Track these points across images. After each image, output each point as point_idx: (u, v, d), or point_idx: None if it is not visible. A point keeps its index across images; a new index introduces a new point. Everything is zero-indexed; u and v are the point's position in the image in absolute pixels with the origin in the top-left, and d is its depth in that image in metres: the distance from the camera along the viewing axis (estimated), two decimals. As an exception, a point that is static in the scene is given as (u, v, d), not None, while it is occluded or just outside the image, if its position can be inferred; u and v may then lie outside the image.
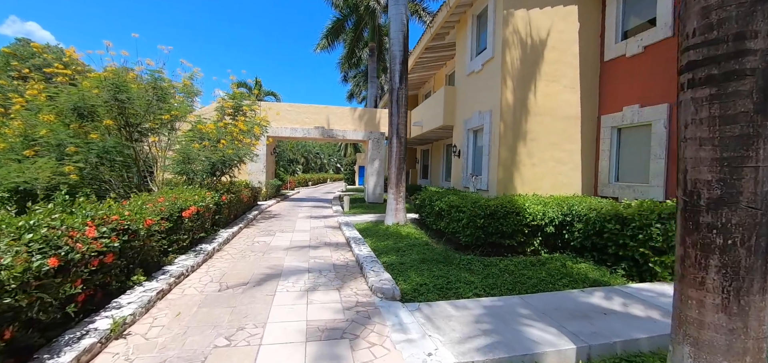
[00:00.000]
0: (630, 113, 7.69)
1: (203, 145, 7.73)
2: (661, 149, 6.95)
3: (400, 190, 9.67)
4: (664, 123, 6.92)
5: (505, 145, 8.18)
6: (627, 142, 7.94)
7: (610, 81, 8.37)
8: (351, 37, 22.76)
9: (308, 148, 49.38)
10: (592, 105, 8.68)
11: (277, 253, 6.64)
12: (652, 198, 7.00)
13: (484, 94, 9.00)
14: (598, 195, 8.42)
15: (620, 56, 8.07)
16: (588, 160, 8.65)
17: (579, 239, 6.63)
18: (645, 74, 7.42)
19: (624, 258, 5.83)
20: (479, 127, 9.32)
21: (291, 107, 16.21)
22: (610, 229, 5.90)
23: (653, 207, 5.67)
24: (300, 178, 32.66)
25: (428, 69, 16.52)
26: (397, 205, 9.66)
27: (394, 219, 9.62)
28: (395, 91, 9.62)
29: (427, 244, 7.53)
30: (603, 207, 6.41)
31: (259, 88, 25.81)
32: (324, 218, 11.58)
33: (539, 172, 8.37)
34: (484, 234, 6.73)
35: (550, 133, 8.42)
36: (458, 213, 7.11)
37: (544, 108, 8.39)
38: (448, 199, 7.74)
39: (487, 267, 5.94)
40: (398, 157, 9.66)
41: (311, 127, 16.14)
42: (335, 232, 9.18)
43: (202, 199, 6.24)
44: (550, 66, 8.42)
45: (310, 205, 16.37)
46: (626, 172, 7.93)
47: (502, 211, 6.68)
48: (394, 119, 9.66)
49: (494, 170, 8.30)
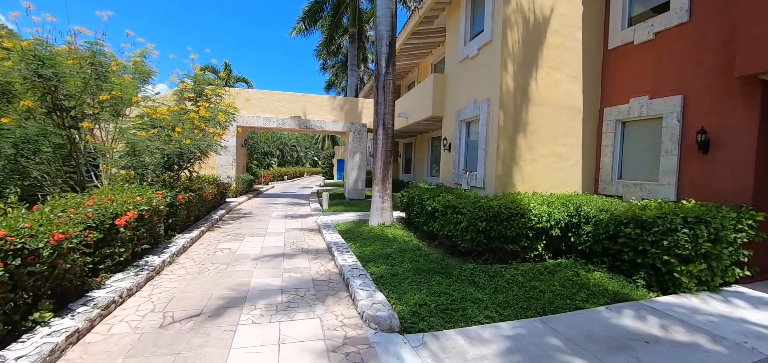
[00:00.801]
0: (638, 105, 7.09)
1: (152, 133, 6.43)
2: (673, 144, 6.38)
3: (386, 187, 8.73)
4: (677, 116, 6.34)
5: (505, 138, 7.41)
6: (633, 137, 7.36)
7: (614, 71, 7.76)
8: (330, 22, 21.42)
9: (284, 141, 47.44)
10: (595, 96, 8.06)
11: (244, 265, 5.55)
12: (663, 197, 6.44)
13: (480, 82, 8.18)
14: (599, 193, 7.84)
15: (627, 44, 7.44)
16: (589, 155, 8.05)
17: (588, 243, 5.96)
18: (656, 63, 6.82)
19: (642, 266, 5.19)
20: (474, 117, 8.51)
21: (264, 94, 14.84)
22: (628, 233, 5.24)
23: (676, 209, 5.04)
24: (275, 171, 31.06)
25: (413, 57, 15.59)
26: (383, 204, 8.73)
27: (380, 219, 8.69)
28: (382, 77, 8.63)
29: (419, 248, 6.66)
30: (616, 208, 5.75)
31: (229, 73, 23.88)
32: (301, 218, 10.48)
33: (539, 167, 7.67)
34: (486, 239, 5.93)
35: (551, 126, 7.73)
36: (456, 215, 6.27)
37: (545, 98, 7.67)
38: (442, 199, 6.88)
39: (493, 278, 5.15)
40: (384, 150, 8.70)
41: (286, 117, 14.86)
42: (314, 235, 8.14)
43: (147, 200, 5.03)
44: (553, 52, 7.70)
45: (286, 201, 15.16)
46: (632, 169, 7.36)
47: (505, 212, 5.89)
48: (380, 108, 8.68)
49: (492, 165, 7.52)
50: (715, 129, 5.78)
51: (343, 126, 15.47)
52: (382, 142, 8.67)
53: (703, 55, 6.02)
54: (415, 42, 13.49)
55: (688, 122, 6.20)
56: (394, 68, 8.64)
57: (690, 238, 4.67)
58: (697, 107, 6.08)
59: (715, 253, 4.78)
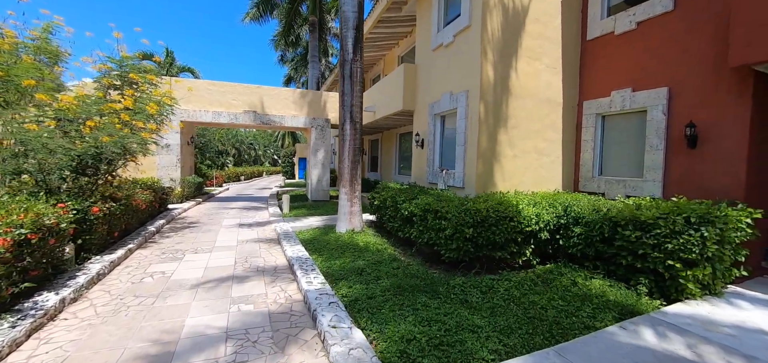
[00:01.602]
0: (620, 98, 6.77)
1: (46, 126, 4.95)
2: (658, 139, 6.09)
3: (355, 188, 7.79)
4: (662, 109, 6.05)
5: (486, 132, 6.77)
6: (615, 131, 7.05)
7: (594, 63, 7.42)
8: (287, 10, 19.90)
9: (240, 138, 44.54)
10: (574, 89, 7.69)
11: (179, 296, 4.35)
12: (649, 194, 6.14)
13: (457, 72, 7.49)
14: (580, 190, 7.50)
15: (607, 34, 7.11)
16: (569, 151, 7.67)
17: (579, 246, 5.45)
18: (639, 54, 6.51)
19: (641, 271, 4.74)
20: (450, 111, 7.81)
21: (213, 86, 13.20)
22: (626, 236, 4.76)
23: (675, 208, 4.62)
24: (230, 172, 28.78)
25: (378, 49, 14.72)
26: (351, 207, 7.78)
27: (349, 224, 7.74)
28: (348, 64, 7.66)
29: (396, 259, 5.83)
30: (609, 208, 5.29)
31: (171, 62, 21.32)
32: (257, 226, 9.22)
33: (521, 164, 7.14)
34: (474, 247, 5.22)
35: (532, 120, 7.23)
36: (438, 221, 5.50)
37: (526, 89, 7.14)
38: (421, 202, 6.09)
39: (486, 294, 4.43)
40: (352, 146, 7.75)
41: (240, 112, 13.34)
42: (272, 248, 7.00)
43: (33, 219, 3.68)
44: (533, 41, 7.19)
45: (241, 205, 13.66)
46: (613, 165, 7.06)
47: (494, 216, 5.22)
48: (346, 99, 7.70)
49: (472, 163, 6.86)
50: (705, 122, 5.52)
51: (305, 121, 14.23)
52: (349, 137, 7.71)
53: (690, 46, 5.74)
54: (381, 31, 12.63)
55: (675, 116, 5.92)
56: (361, 54, 7.70)
57: (697, 241, 4.25)
58: (684, 100, 5.80)
59: (719, 256, 4.42)
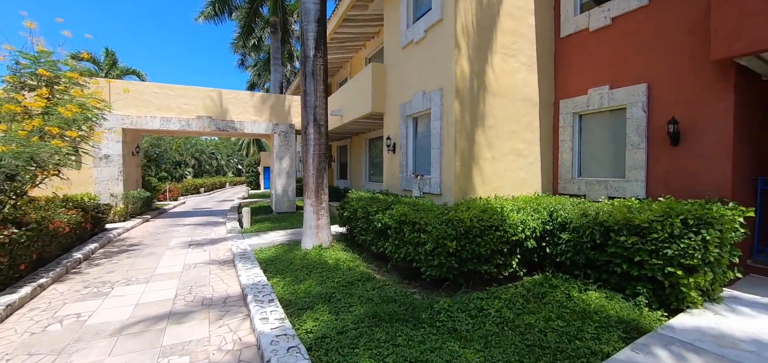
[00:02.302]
0: (597, 96, 6.53)
1: None
2: (639, 137, 5.85)
3: (321, 199, 7.00)
4: (642, 106, 5.82)
5: (463, 134, 6.26)
6: (594, 130, 6.80)
7: (568, 60, 7.17)
8: (247, 11, 18.75)
9: (200, 147, 41.95)
10: (549, 88, 7.41)
11: (90, 352, 3.35)
12: (632, 195, 5.87)
13: (430, 69, 6.95)
14: (559, 192, 7.18)
15: (581, 31, 6.88)
16: (547, 152, 7.35)
17: (568, 254, 5.02)
18: (615, 50, 6.29)
19: (637, 279, 4.35)
20: (423, 112, 7.25)
21: (160, 89, 11.87)
22: (621, 242, 4.36)
23: (671, 210, 4.28)
24: (189, 184, 26.72)
25: (345, 50, 14.03)
26: (318, 220, 6.98)
27: (315, 239, 6.93)
28: (310, 62, 6.90)
29: (370, 278, 5.11)
30: (599, 212, 4.90)
31: (113, 63, 19.16)
32: (211, 244, 8.14)
33: (500, 167, 6.69)
34: (458, 262, 4.62)
35: (510, 120, 6.82)
36: (417, 234, 4.85)
37: (502, 88, 6.73)
38: (396, 213, 5.43)
39: (476, 319, 3.83)
40: (317, 152, 6.97)
41: (192, 117, 12.08)
42: (225, 272, 6.03)
43: None
44: (507, 37, 6.81)
45: (196, 221, 12.35)
46: (593, 166, 6.79)
47: (479, 226, 4.65)
48: (309, 100, 6.92)
49: (449, 167, 6.31)
50: (687, 119, 5.31)
51: (267, 127, 13.20)
52: (314, 142, 6.92)
53: (668, 40, 5.54)
54: (346, 31, 11.95)
55: (656, 112, 5.70)
56: (325, 50, 6.97)
57: (699, 245, 3.90)
58: (664, 96, 5.59)
59: (718, 259, 4.11)
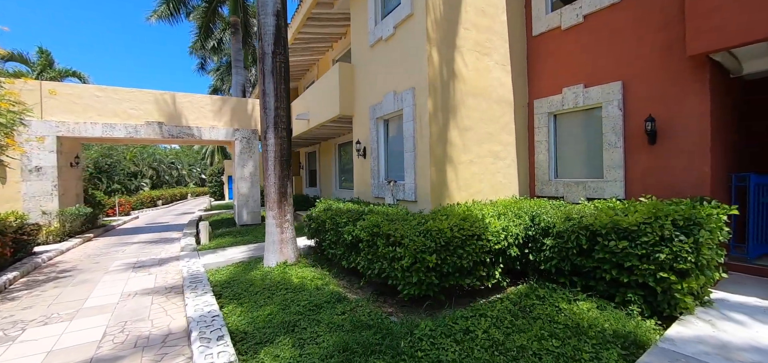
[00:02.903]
0: (572, 95, 6.35)
1: None
2: (616, 136, 5.70)
3: (284, 210, 6.32)
4: (618, 104, 5.68)
5: (438, 136, 5.84)
6: (569, 130, 6.62)
7: (541, 59, 6.99)
8: (204, 10, 17.58)
9: (158, 157, 39.20)
10: (523, 87, 7.19)
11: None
12: (611, 195, 5.69)
13: (400, 67, 6.50)
14: (537, 195, 6.95)
15: (553, 29, 6.72)
16: (523, 154, 7.11)
17: (552, 261, 4.69)
18: (588, 48, 6.15)
19: (626, 285, 4.07)
20: (395, 113, 6.78)
21: (103, 91, 10.62)
22: (610, 247, 4.07)
23: (657, 210, 4.05)
24: (144, 196, 24.67)
25: (311, 52, 13.35)
26: (282, 234, 6.28)
27: (279, 256, 6.22)
28: (269, 58, 6.24)
29: (341, 299, 4.52)
30: (583, 215, 4.61)
31: (48, 63, 16.96)
32: (158, 266, 7.17)
33: (477, 171, 6.34)
34: (439, 277, 4.13)
35: (486, 121, 6.50)
36: (391, 248, 4.32)
37: (478, 87, 6.40)
38: (368, 223, 4.88)
39: (462, 344, 3.36)
40: (279, 159, 6.29)
41: (141, 123, 10.91)
42: (171, 301, 5.18)
43: None
44: (482, 34, 6.51)
45: (147, 238, 11.13)
46: (571, 166, 6.60)
47: (460, 236, 4.20)
48: (268, 101, 6.25)
49: (424, 171, 5.86)
50: (664, 116, 5.19)
51: (227, 132, 12.23)
52: (274, 148, 6.24)
53: (642, 36, 5.43)
54: (311, 31, 11.31)
55: (632, 110, 5.56)
56: (285, 47, 6.34)
57: (691, 248, 3.66)
58: (640, 93, 5.46)
59: (708, 261, 3.91)
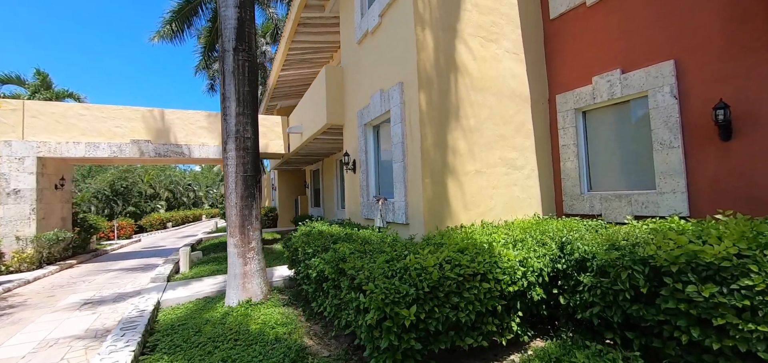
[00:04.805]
0: (606, 85, 4.99)
1: None
2: (671, 132, 4.27)
3: (249, 238, 5.19)
4: (671, 90, 4.28)
5: (433, 140, 4.60)
6: (604, 129, 5.22)
7: (563, 45, 5.68)
8: (208, 30, 17.30)
9: (175, 179, 39.67)
10: (541, 81, 5.89)
11: None
12: (670, 212, 4.21)
13: (387, 61, 5.38)
14: (566, 213, 5.51)
15: (577, 6, 5.42)
16: (545, 161, 5.74)
17: (594, 309, 3.29)
18: (625, 23, 4.81)
19: (718, 355, 2.62)
20: (384, 116, 5.62)
21: (87, 110, 10.07)
22: (686, 293, 2.65)
23: (760, 237, 2.62)
24: (153, 218, 24.48)
25: (308, 64, 12.52)
26: (245, 266, 5.14)
27: (242, 293, 5.07)
28: (229, 56, 5.26)
29: (302, 355, 3.29)
30: (637, 241, 3.21)
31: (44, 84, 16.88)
32: (113, 303, 6.17)
33: (487, 184, 5.02)
34: (422, 339, 2.82)
35: (496, 120, 5.22)
36: (354, 294, 3.07)
37: (485, 80, 5.16)
38: (328, 257, 3.66)
39: None
40: (241, 176, 5.22)
41: (126, 142, 10.25)
42: (88, 353, 4.09)
43: None
44: (485, 16, 5.31)
45: (130, 265, 10.32)
46: (609, 175, 5.17)
47: (454, 277, 2.90)
48: (228, 107, 5.23)
49: (416, 186, 4.61)
50: (744, 100, 3.75)
51: (218, 150, 11.44)
52: (235, 161, 5.18)
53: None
54: (306, 40, 10.44)
55: (692, 97, 4.14)
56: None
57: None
58: (704, 72, 4.06)
59: None
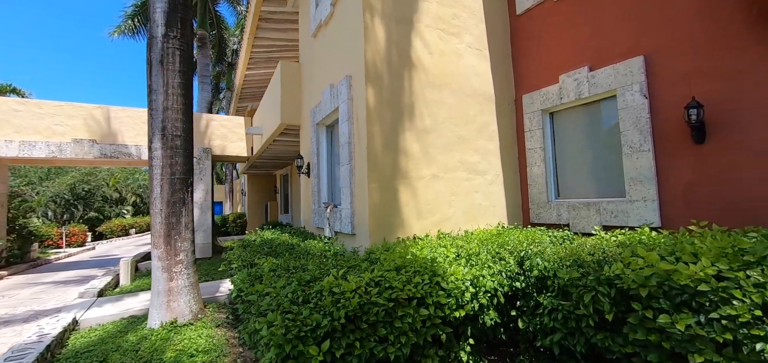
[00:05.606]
0: (573, 84, 4.62)
1: None
2: (641, 134, 3.91)
3: (175, 248, 4.51)
4: (640, 88, 3.92)
5: (383, 140, 4.09)
6: (572, 132, 4.84)
7: (530, 42, 5.31)
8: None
9: (144, 184, 37.76)
10: (508, 80, 5.49)
11: None
12: (639, 222, 3.83)
13: (338, 53, 4.85)
14: (533, 223, 5.09)
15: (544, 1, 5.07)
16: (511, 166, 5.32)
17: (555, 335, 2.84)
18: (593, 18, 4.47)
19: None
20: (334, 114, 5.08)
21: (23, 105, 9.10)
22: (659, 324, 2.21)
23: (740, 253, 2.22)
24: (114, 225, 22.98)
25: (275, 63, 11.88)
26: (170, 282, 4.45)
27: (166, 313, 4.38)
28: (157, 44, 4.61)
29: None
30: (604, 255, 2.77)
31: None
32: (21, 324, 5.30)
33: (444, 189, 4.53)
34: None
35: (456, 121, 4.76)
36: (257, 321, 2.49)
37: (442, 76, 4.70)
38: (244, 275, 3.07)
39: None
40: (167, 178, 4.54)
41: (67, 140, 9.31)
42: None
43: None
44: (446, 8, 4.87)
45: (66, 277, 9.32)
46: (577, 182, 4.77)
47: (382, 303, 2.37)
48: (155, 100, 4.57)
49: (362, 191, 4.07)
50: (718, 99, 3.40)
51: (173, 153, 10.58)
52: (160, 165, 4.50)
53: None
54: (269, 37, 9.82)
55: (663, 95, 3.79)
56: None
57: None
58: (675, 69, 3.71)
59: None
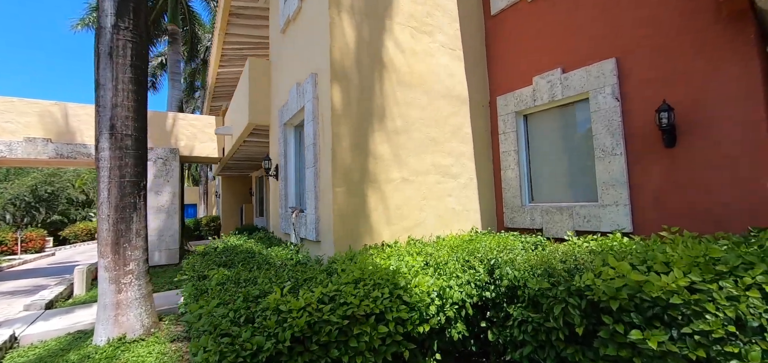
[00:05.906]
0: (546, 86, 4.53)
1: None
2: (613, 138, 3.84)
3: (123, 259, 4.14)
4: (613, 91, 3.86)
5: (348, 138, 3.86)
6: (546, 135, 4.75)
7: (505, 43, 5.21)
8: (143, 19, 15.69)
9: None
10: (482, 81, 5.38)
11: None
12: (612, 227, 3.76)
13: (305, 49, 4.60)
14: (507, 227, 4.98)
15: (518, 1, 4.98)
16: (485, 169, 5.20)
17: (525, 349, 2.69)
18: (566, 19, 4.39)
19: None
20: (300, 113, 4.82)
21: (-36, 102, 8.37)
22: (630, 339, 2.09)
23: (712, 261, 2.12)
24: (79, 229, 21.74)
25: (250, 59, 11.46)
26: (119, 295, 4.08)
27: (113, 328, 4.00)
28: (106, 35, 4.23)
29: None
30: (576, 264, 2.64)
31: None
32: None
33: (415, 193, 4.34)
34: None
35: (428, 122, 4.59)
36: (197, 343, 2.22)
37: (413, 75, 4.52)
38: (196, 286, 2.79)
39: None
40: (116, 181, 4.16)
41: (19, 139, 8.62)
42: None
43: None
44: (419, 5, 4.70)
45: (15, 287, 8.61)
46: (551, 186, 4.69)
47: (335, 321, 2.14)
48: (103, 96, 4.18)
49: (327, 195, 3.83)
50: (687, 103, 3.36)
51: (137, 153, 10.00)
52: (108, 166, 4.12)
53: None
54: (241, 34, 9.38)
55: (636, 98, 3.74)
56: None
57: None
58: (647, 72, 3.66)
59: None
